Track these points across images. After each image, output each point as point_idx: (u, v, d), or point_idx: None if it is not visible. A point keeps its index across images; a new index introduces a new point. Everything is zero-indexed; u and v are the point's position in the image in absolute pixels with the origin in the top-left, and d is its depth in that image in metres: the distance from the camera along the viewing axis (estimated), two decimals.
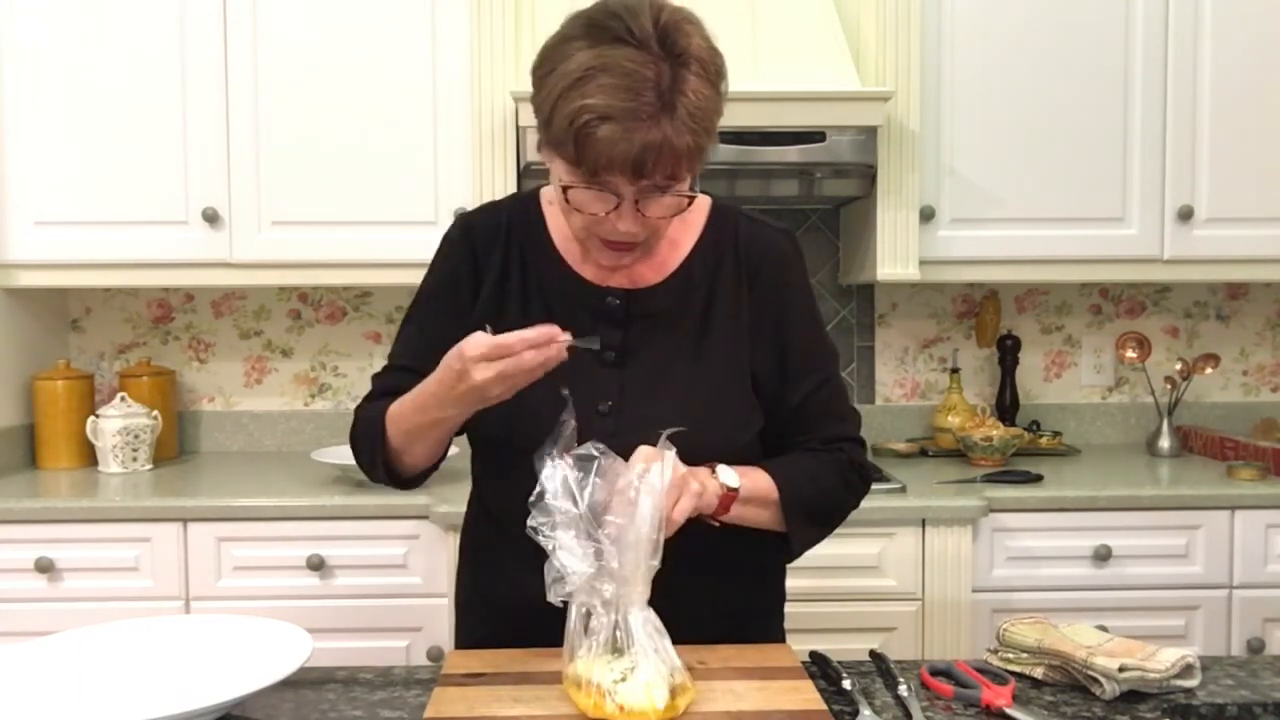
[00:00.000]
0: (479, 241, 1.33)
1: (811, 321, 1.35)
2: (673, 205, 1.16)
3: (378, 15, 2.47)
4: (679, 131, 1.09)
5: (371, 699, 1.16)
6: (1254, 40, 2.51)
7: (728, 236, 1.32)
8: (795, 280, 1.33)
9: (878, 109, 2.34)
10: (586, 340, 1.15)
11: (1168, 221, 2.53)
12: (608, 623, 1.07)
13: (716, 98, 1.13)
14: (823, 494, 1.30)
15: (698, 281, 1.30)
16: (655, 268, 1.30)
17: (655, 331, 1.29)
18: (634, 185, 1.12)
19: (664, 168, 1.10)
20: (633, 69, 1.07)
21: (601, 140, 1.07)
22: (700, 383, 1.27)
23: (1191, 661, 1.16)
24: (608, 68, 1.07)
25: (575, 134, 1.09)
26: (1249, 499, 2.28)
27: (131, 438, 2.54)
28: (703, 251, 1.31)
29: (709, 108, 1.12)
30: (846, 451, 1.33)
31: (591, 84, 1.07)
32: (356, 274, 2.54)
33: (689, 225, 1.32)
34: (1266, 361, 2.97)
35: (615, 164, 1.09)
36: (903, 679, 1.16)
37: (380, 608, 2.24)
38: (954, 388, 2.79)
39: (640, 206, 1.14)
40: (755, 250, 1.31)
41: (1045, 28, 2.50)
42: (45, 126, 2.47)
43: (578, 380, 1.17)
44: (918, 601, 2.23)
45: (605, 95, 1.07)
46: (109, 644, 1.22)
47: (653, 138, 1.08)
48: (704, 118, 1.11)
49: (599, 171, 1.11)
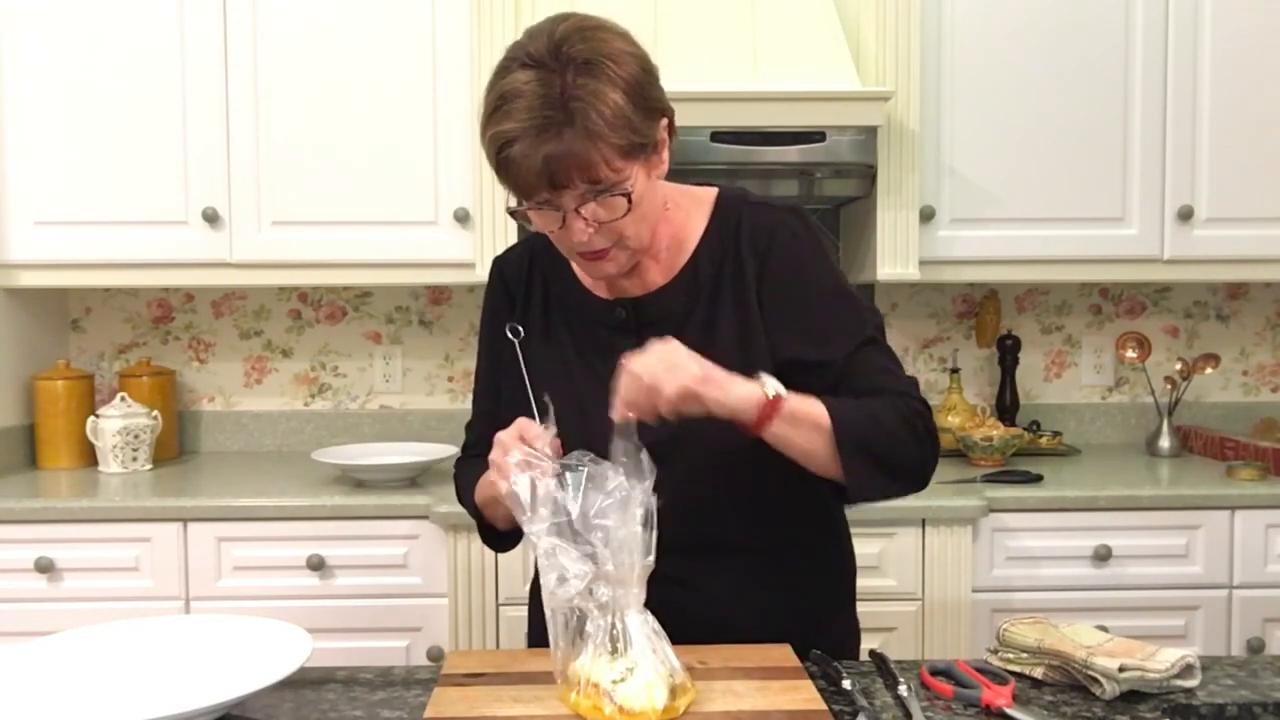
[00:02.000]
0: (509, 277, 1.40)
1: (834, 290, 1.29)
2: (615, 206, 1.17)
3: (378, 15, 2.47)
4: (581, 136, 1.11)
5: (371, 699, 1.16)
6: (1254, 40, 2.51)
7: (732, 227, 1.31)
8: (807, 255, 1.29)
9: (878, 109, 2.34)
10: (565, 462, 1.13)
11: (1168, 221, 2.53)
12: (604, 626, 1.07)
13: (624, 96, 1.13)
14: (883, 432, 1.20)
15: (705, 277, 1.30)
16: (664, 270, 1.31)
17: (666, 334, 1.27)
18: (561, 196, 1.15)
19: (580, 173, 1.13)
20: (530, 89, 1.12)
21: (514, 161, 1.13)
22: None
23: (1191, 661, 1.16)
24: (511, 94, 1.13)
25: (497, 162, 1.16)
26: (1249, 499, 2.28)
27: (131, 438, 2.54)
28: (708, 246, 1.31)
29: (615, 108, 1.12)
30: (908, 400, 1.24)
31: (500, 112, 1.14)
32: (356, 274, 2.54)
33: (693, 221, 1.32)
34: (1266, 361, 2.97)
35: (531, 180, 1.14)
36: (903, 679, 1.16)
37: (380, 608, 2.24)
38: (954, 388, 2.79)
39: (585, 214, 1.16)
40: (761, 236, 1.29)
41: (1045, 27, 2.50)
42: (45, 126, 2.47)
43: (599, 393, 1.19)
44: (918, 601, 2.23)
45: (510, 120, 1.12)
46: (109, 644, 1.22)
47: (555, 148, 1.11)
48: (611, 119, 1.12)
49: (525, 191, 1.16)
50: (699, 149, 2.31)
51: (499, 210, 2.43)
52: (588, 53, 1.13)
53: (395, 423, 2.88)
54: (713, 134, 2.31)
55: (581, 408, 1.26)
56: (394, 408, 2.89)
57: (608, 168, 1.14)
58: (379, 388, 2.89)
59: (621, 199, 1.16)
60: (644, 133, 1.16)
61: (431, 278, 2.54)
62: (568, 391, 1.26)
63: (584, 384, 1.29)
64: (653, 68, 1.21)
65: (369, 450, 2.58)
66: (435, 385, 2.89)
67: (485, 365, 1.44)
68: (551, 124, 1.11)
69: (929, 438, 1.24)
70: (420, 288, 2.87)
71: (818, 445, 1.18)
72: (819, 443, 1.18)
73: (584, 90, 1.11)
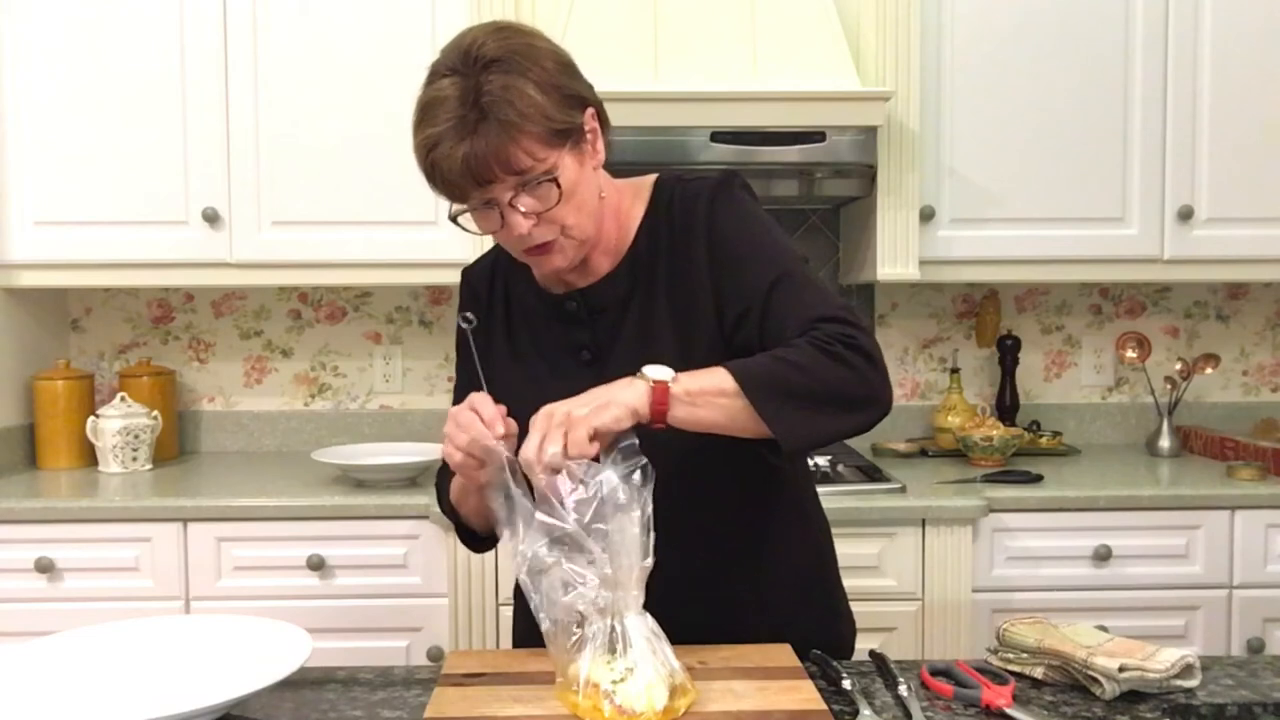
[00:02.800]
0: (476, 285, 1.43)
1: (746, 235, 1.28)
2: (547, 195, 1.19)
3: (378, 15, 2.47)
4: (496, 130, 1.14)
5: (371, 699, 1.16)
6: (1254, 41, 2.51)
7: (664, 207, 1.33)
8: (720, 211, 1.29)
9: (878, 109, 2.34)
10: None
11: (1168, 221, 2.53)
12: (604, 627, 1.07)
13: (535, 86, 1.16)
14: (796, 369, 1.15)
15: (645, 259, 1.31)
16: (610, 258, 1.33)
17: (616, 321, 1.31)
18: (489, 192, 1.17)
19: (501, 165, 1.15)
20: (446, 95, 1.16)
21: (438, 164, 1.16)
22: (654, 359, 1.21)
23: (1191, 661, 1.16)
24: (432, 102, 1.17)
25: (425, 169, 1.19)
26: (1249, 499, 2.28)
27: (131, 438, 2.54)
28: (646, 228, 1.33)
29: (526, 98, 1.15)
30: (821, 329, 1.18)
31: (423, 121, 1.18)
32: (356, 274, 2.54)
33: (635, 209, 1.34)
34: (1266, 361, 2.97)
35: (457, 180, 1.16)
36: (903, 679, 1.16)
37: (380, 608, 2.24)
38: (954, 388, 2.79)
39: (519, 206, 1.18)
40: (687, 206, 1.31)
41: (1045, 28, 2.50)
42: (45, 126, 2.47)
43: (563, 387, 1.19)
44: (918, 601, 2.23)
45: (431, 125, 1.16)
46: (109, 644, 1.22)
47: (472, 145, 1.14)
48: (520, 107, 1.14)
49: (457, 192, 1.18)
50: (699, 149, 2.31)
51: None
52: (496, 50, 1.16)
53: (395, 423, 2.88)
54: (713, 134, 2.31)
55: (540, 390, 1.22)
56: (394, 408, 2.89)
57: (529, 157, 1.16)
58: (379, 388, 2.89)
59: (550, 185, 1.18)
60: (562, 120, 1.18)
61: (431, 278, 2.54)
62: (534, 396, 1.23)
63: (548, 380, 1.30)
64: (567, 60, 1.23)
65: (369, 450, 2.58)
66: (435, 385, 2.89)
67: (460, 371, 1.44)
68: (467, 122, 1.14)
69: (856, 354, 1.16)
70: (420, 288, 2.87)
71: (732, 411, 1.14)
72: (733, 408, 1.14)
73: (494, 85, 1.14)
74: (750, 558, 1.34)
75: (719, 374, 1.15)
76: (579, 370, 1.30)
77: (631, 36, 2.36)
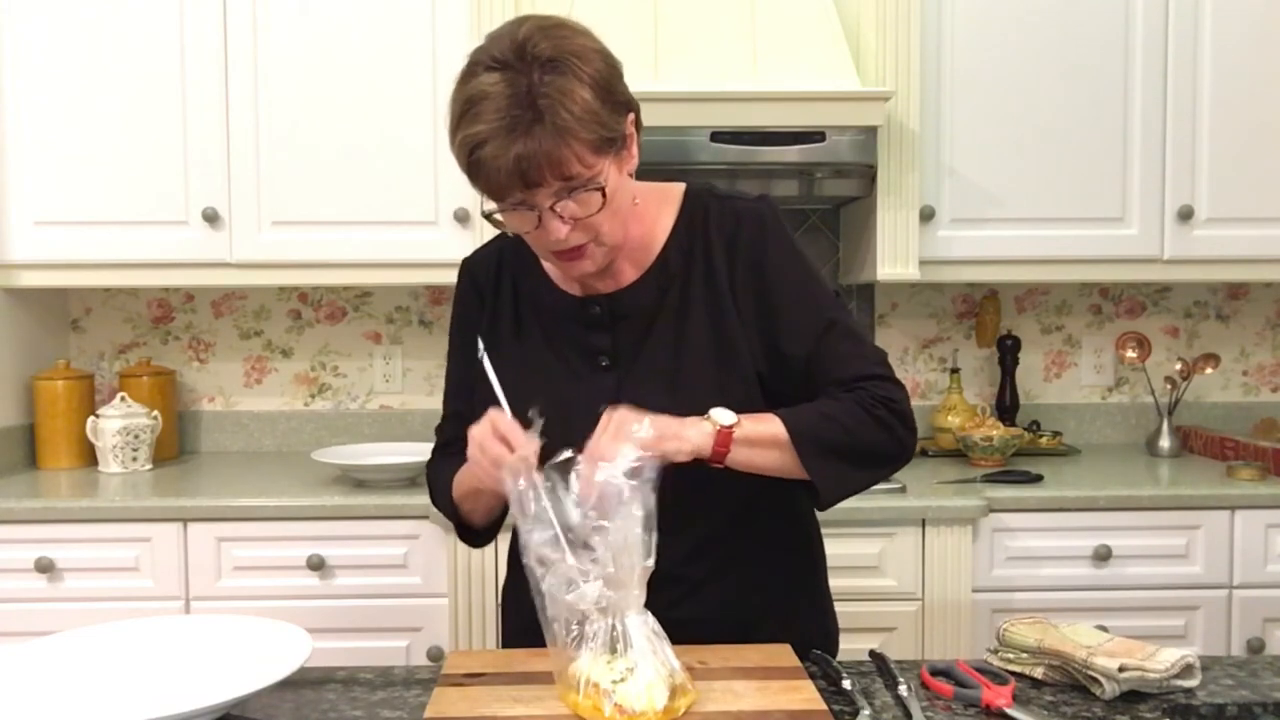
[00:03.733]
0: (478, 276, 1.40)
1: (795, 277, 1.30)
2: (590, 202, 1.17)
3: (378, 15, 2.47)
4: (551, 133, 1.11)
5: (371, 699, 1.16)
6: (1254, 41, 2.51)
7: (699, 219, 1.32)
8: (771, 243, 1.30)
9: (878, 109, 2.34)
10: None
11: (1168, 221, 2.53)
12: (604, 627, 1.07)
13: (591, 91, 1.14)
14: (843, 430, 1.22)
15: (675, 270, 1.31)
16: (635, 265, 1.32)
17: (641, 329, 1.30)
18: (535, 194, 1.15)
19: (552, 170, 1.13)
20: (497, 90, 1.12)
21: (485, 163, 1.13)
22: (686, 373, 1.27)
23: (1191, 661, 1.16)
24: (478, 97, 1.13)
25: (468, 165, 1.16)
26: (1249, 499, 2.28)
27: (131, 438, 2.54)
28: (677, 239, 1.32)
29: (583, 103, 1.13)
30: (868, 389, 1.25)
31: (468, 116, 1.14)
32: (356, 274, 2.54)
33: (663, 218, 1.33)
34: (1266, 361, 2.97)
35: (504, 180, 1.14)
36: (903, 679, 1.16)
37: (380, 608, 2.24)
38: (954, 388, 2.79)
39: (560, 211, 1.16)
40: (727, 225, 1.31)
41: (1045, 28, 2.50)
42: (45, 127, 2.47)
43: (578, 389, 1.22)
44: (918, 601, 2.23)
45: (479, 122, 1.12)
46: (109, 644, 1.22)
47: (525, 147, 1.11)
48: (580, 114, 1.12)
49: (498, 192, 1.16)
50: (699, 149, 2.31)
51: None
52: (552, 50, 1.13)
53: (395, 423, 2.88)
54: (713, 134, 2.31)
55: (560, 402, 1.25)
56: (394, 408, 2.89)
57: (579, 163, 1.14)
58: (379, 388, 2.89)
59: (596, 194, 1.17)
60: (612, 127, 1.17)
61: (431, 278, 2.54)
62: (544, 389, 1.26)
63: (562, 381, 1.30)
64: (616, 63, 1.21)
65: (369, 450, 2.58)
66: (435, 385, 2.89)
67: (455, 366, 1.43)
68: (520, 123, 1.11)
69: (896, 418, 1.25)
70: (420, 288, 2.87)
71: (782, 461, 1.22)
72: (783, 458, 1.22)
73: (551, 87, 1.12)
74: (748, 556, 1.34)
75: (775, 424, 1.21)
76: (596, 374, 1.29)
77: (631, 36, 2.36)
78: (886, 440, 1.25)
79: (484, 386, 1.25)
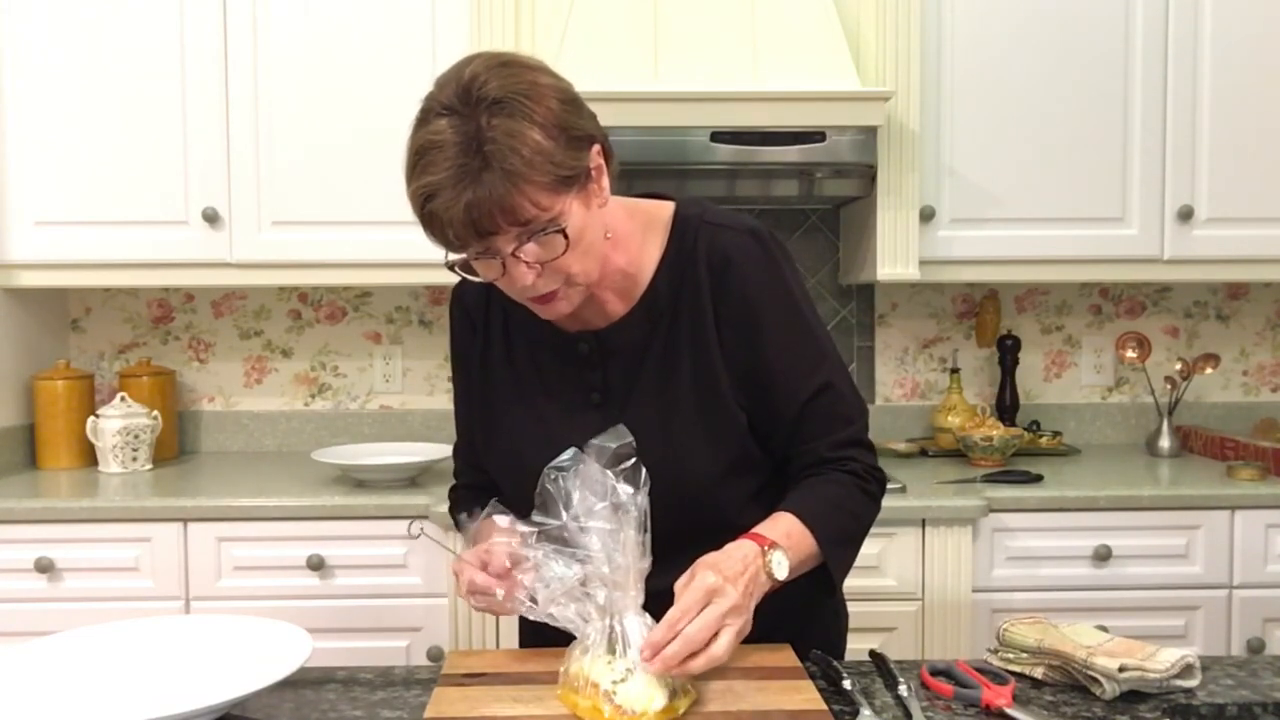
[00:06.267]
0: (470, 305, 1.37)
1: (791, 327, 1.27)
2: (553, 244, 1.12)
3: (378, 16, 2.47)
4: (500, 179, 1.06)
5: (371, 699, 1.16)
6: (1254, 40, 2.51)
7: (689, 248, 1.26)
8: (763, 283, 1.26)
9: (878, 109, 2.34)
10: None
11: (1168, 221, 2.53)
12: (602, 628, 1.07)
13: (541, 131, 1.08)
14: (854, 519, 1.28)
15: (664, 304, 1.27)
16: (623, 298, 1.28)
17: (630, 365, 1.27)
18: (491, 242, 1.10)
19: (505, 216, 1.08)
20: (444, 138, 1.08)
21: (438, 215, 1.09)
22: (678, 409, 1.25)
23: (1191, 661, 1.16)
24: (427, 146, 1.09)
25: (422, 217, 1.12)
26: (1249, 499, 2.28)
27: (131, 438, 2.54)
28: (667, 269, 1.27)
29: (533, 144, 1.08)
30: (859, 460, 1.29)
31: (419, 166, 1.10)
32: (356, 274, 2.54)
33: (649, 245, 1.28)
34: (1266, 361, 2.97)
35: (459, 231, 1.09)
36: (903, 679, 1.16)
37: (380, 608, 2.24)
38: (954, 388, 2.79)
39: (523, 256, 1.12)
40: (715, 260, 1.25)
41: (1045, 28, 2.50)
42: (45, 127, 2.47)
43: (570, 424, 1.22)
44: (918, 601, 2.23)
45: (429, 173, 1.09)
46: (109, 644, 1.22)
47: (475, 195, 1.07)
48: (530, 156, 1.07)
49: (457, 243, 1.12)
50: (699, 149, 2.31)
51: None
52: (498, 91, 1.08)
53: (395, 423, 2.88)
54: (713, 134, 2.31)
55: (547, 430, 1.25)
56: (394, 408, 2.89)
57: (535, 207, 1.09)
58: (379, 388, 2.89)
59: (557, 236, 1.11)
60: (570, 164, 1.11)
61: (431, 278, 2.54)
62: (532, 415, 1.26)
63: (549, 407, 1.29)
64: (573, 96, 1.16)
65: (369, 450, 2.58)
66: (435, 385, 2.89)
67: (458, 392, 1.41)
68: (468, 171, 1.06)
69: (880, 488, 1.33)
70: (420, 288, 2.87)
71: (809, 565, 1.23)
72: (810, 563, 1.23)
73: (498, 131, 1.07)
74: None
75: (808, 540, 1.21)
76: (587, 412, 1.27)
77: (631, 36, 2.36)
78: (874, 512, 1.33)
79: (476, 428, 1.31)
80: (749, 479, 1.29)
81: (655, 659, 1.03)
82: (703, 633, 1.05)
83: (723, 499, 1.27)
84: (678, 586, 1.09)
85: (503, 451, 1.31)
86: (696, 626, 1.05)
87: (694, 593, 1.07)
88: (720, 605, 1.07)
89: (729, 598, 1.08)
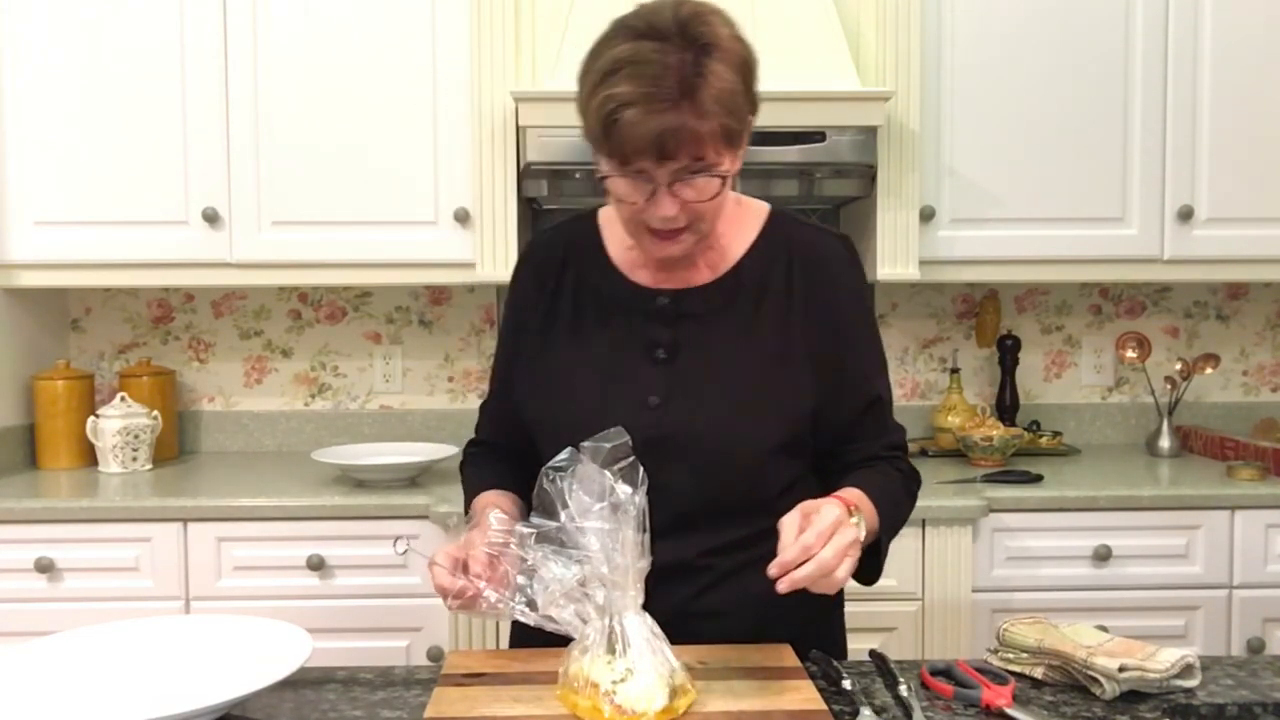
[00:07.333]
0: (538, 265, 1.41)
1: (867, 333, 1.37)
2: (707, 187, 1.19)
3: (378, 15, 2.47)
4: (699, 114, 1.13)
5: (371, 699, 1.16)
6: (1254, 40, 2.51)
7: (781, 241, 1.35)
8: (851, 288, 1.36)
9: (878, 109, 2.34)
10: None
11: (1168, 221, 2.53)
12: (602, 627, 1.07)
13: (739, 81, 1.17)
14: (900, 514, 1.36)
15: (749, 283, 1.33)
16: (709, 267, 1.33)
17: (704, 329, 1.31)
18: (662, 168, 1.16)
19: (688, 149, 1.14)
20: (653, 58, 1.13)
21: (625, 125, 1.13)
22: (745, 377, 1.29)
23: (1191, 661, 1.16)
24: (631, 60, 1.13)
25: (604, 123, 1.15)
26: (1249, 499, 2.28)
27: (131, 438, 2.54)
28: (755, 255, 1.34)
29: (731, 90, 1.15)
30: (907, 462, 1.38)
31: (617, 75, 1.14)
32: (356, 274, 2.54)
33: (744, 230, 1.35)
34: (1266, 361, 2.97)
35: (640, 147, 1.14)
36: (903, 679, 1.16)
37: (380, 608, 2.24)
38: (954, 388, 2.79)
39: (675, 190, 1.18)
40: (808, 254, 1.34)
41: (1045, 28, 2.50)
42: (45, 127, 2.47)
43: (628, 378, 1.27)
44: (918, 601, 2.23)
45: (628, 84, 1.13)
46: (109, 644, 1.22)
47: (673, 121, 1.12)
48: (726, 100, 1.15)
49: (628, 157, 1.15)
50: None
51: (499, 210, 2.44)
52: (710, 36, 1.15)
53: (395, 423, 2.88)
54: None
55: (604, 396, 1.29)
56: (394, 408, 2.89)
57: (714, 150, 1.16)
58: (379, 388, 2.89)
59: (716, 181, 1.18)
60: (743, 120, 1.20)
61: (431, 278, 2.54)
62: (593, 380, 1.30)
63: (612, 370, 1.31)
64: (757, 60, 1.23)
65: (369, 450, 2.58)
66: (435, 385, 2.89)
67: (502, 354, 1.45)
68: (669, 95, 1.12)
69: (918, 486, 1.41)
70: (420, 288, 2.87)
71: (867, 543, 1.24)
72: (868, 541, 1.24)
73: (705, 69, 1.13)
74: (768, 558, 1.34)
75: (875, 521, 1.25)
76: (648, 366, 1.30)
77: None
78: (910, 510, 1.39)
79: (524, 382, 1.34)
80: (794, 463, 1.33)
81: (784, 580, 1.05)
82: (835, 559, 1.07)
83: (769, 474, 1.30)
84: (783, 523, 1.11)
85: (556, 402, 1.33)
86: (831, 551, 1.07)
87: (824, 520, 1.10)
88: (846, 535, 1.10)
89: (853, 531, 1.11)
